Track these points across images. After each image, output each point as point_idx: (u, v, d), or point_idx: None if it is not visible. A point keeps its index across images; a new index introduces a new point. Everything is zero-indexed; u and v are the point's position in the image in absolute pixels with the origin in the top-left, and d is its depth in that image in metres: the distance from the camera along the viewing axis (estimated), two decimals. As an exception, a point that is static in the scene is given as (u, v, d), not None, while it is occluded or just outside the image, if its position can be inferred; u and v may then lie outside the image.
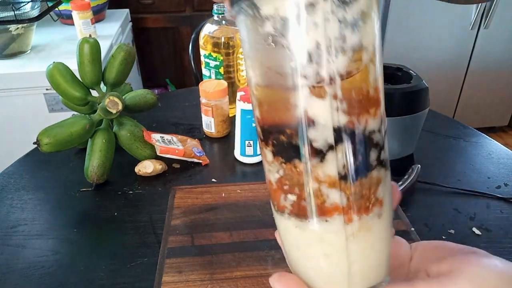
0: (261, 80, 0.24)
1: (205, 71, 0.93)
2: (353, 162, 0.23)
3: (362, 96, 0.23)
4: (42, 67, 1.18)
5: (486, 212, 0.67)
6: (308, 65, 0.21)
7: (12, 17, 1.24)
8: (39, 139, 0.66)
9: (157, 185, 0.74)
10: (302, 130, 0.23)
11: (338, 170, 0.23)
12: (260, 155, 0.78)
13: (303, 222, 0.25)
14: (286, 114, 0.23)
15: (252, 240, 0.60)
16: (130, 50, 0.77)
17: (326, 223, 0.24)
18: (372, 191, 0.24)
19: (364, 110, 0.23)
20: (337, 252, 0.25)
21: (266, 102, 0.25)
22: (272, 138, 0.25)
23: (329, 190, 0.24)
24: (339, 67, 0.22)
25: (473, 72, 2.12)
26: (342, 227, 0.24)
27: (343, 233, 0.24)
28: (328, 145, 0.23)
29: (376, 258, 0.26)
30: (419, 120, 0.69)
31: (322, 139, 0.23)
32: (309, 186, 0.24)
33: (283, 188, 0.26)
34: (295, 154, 0.24)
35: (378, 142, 0.24)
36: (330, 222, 0.24)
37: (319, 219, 0.24)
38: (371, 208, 0.24)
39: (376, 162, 0.24)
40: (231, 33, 0.88)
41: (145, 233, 0.63)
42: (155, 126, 0.92)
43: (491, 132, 2.35)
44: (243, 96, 0.73)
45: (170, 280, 0.54)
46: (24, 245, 0.61)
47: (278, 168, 0.25)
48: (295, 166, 0.24)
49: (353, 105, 0.22)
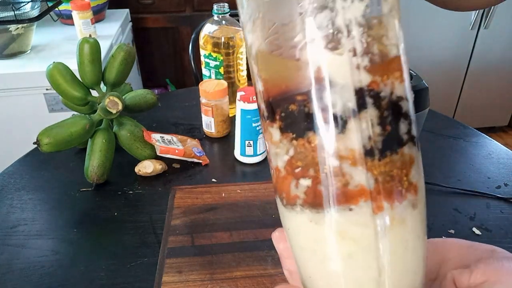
0: (264, 43, 0.20)
1: (205, 71, 0.93)
2: (380, 132, 0.19)
3: (384, 53, 0.19)
4: (42, 67, 1.18)
5: (486, 212, 0.67)
6: (320, 12, 0.18)
7: (12, 17, 1.24)
8: (39, 139, 0.66)
9: (157, 185, 0.74)
10: (318, 93, 0.19)
11: (363, 143, 0.19)
12: (260, 155, 0.79)
13: (320, 214, 0.20)
14: (297, 77, 0.19)
15: (252, 240, 0.60)
16: (130, 50, 0.77)
17: (350, 212, 0.19)
18: (405, 173, 0.20)
19: (388, 70, 0.19)
20: (364, 252, 0.20)
21: (271, 68, 0.21)
22: (279, 111, 0.20)
23: (352, 169, 0.19)
24: (357, 15, 0.18)
25: (473, 72, 2.12)
26: (370, 217, 0.19)
27: (372, 225, 0.19)
28: (349, 111, 0.19)
29: (412, 261, 0.21)
30: (419, 120, 0.69)
31: (341, 103, 0.19)
32: (327, 164, 0.19)
33: (294, 172, 0.21)
34: (308, 126, 0.19)
35: (407, 113, 0.20)
36: (355, 211, 0.19)
37: (341, 207, 0.19)
38: (404, 194, 0.20)
39: (407, 136, 0.20)
40: (231, 33, 0.88)
41: (145, 233, 0.63)
42: (155, 126, 0.92)
43: (491, 132, 2.35)
44: (243, 96, 0.73)
45: (170, 280, 0.54)
46: (24, 245, 0.61)
47: (287, 148, 0.21)
48: (309, 140, 0.20)
49: (376, 62, 0.19)
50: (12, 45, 1.33)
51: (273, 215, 0.65)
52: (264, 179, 0.74)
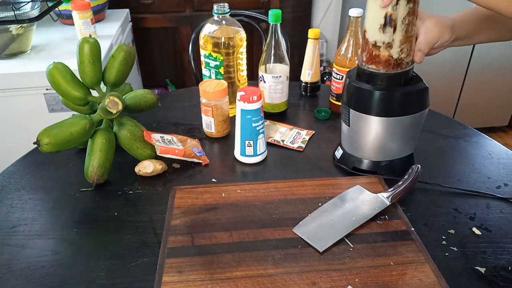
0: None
1: (205, 71, 0.93)
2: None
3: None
4: (42, 67, 1.18)
5: (486, 212, 0.67)
6: None
7: (12, 17, 1.24)
8: (39, 139, 0.66)
9: (157, 185, 0.74)
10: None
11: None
12: (260, 155, 0.79)
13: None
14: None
15: (252, 240, 0.60)
16: (130, 50, 0.77)
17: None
18: None
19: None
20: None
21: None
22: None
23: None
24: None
25: (473, 72, 2.12)
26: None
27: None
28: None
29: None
30: (419, 120, 0.69)
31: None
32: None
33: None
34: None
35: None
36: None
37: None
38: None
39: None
40: (231, 33, 0.88)
41: (145, 233, 0.63)
42: (155, 126, 0.92)
43: (491, 132, 2.35)
44: (243, 96, 0.73)
45: (170, 280, 0.54)
46: (24, 245, 0.61)
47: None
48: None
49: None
50: (12, 45, 1.33)
51: (273, 215, 0.65)
52: (264, 179, 0.74)
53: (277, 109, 0.95)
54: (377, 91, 0.65)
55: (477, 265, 0.57)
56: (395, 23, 0.62)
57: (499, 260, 0.58)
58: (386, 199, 0.65)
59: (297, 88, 1.05)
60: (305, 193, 0.69)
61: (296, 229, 0.62)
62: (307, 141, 0.86)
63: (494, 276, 0.55)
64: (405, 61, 0.65)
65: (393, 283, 0.53)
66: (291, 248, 0.59)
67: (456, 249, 0.60)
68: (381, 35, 0.63)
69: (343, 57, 0.89)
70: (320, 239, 0.59)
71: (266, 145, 0.81)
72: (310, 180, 0.73)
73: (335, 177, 0.75)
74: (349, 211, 0.64)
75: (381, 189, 0.69)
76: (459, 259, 0.58)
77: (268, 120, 0.92)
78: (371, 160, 0.73)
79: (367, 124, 0.69)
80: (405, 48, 0.64)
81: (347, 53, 0.89)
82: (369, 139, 0.70)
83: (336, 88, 0.93)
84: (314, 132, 0.89)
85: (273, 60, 0.90)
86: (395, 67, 0.65)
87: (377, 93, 0.65)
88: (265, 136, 0.79)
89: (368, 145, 0.72)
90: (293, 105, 1.00)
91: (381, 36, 0.63)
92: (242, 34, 0.90)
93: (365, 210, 0.64)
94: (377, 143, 0.70)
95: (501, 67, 2.12)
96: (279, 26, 0.88)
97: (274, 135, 0.88)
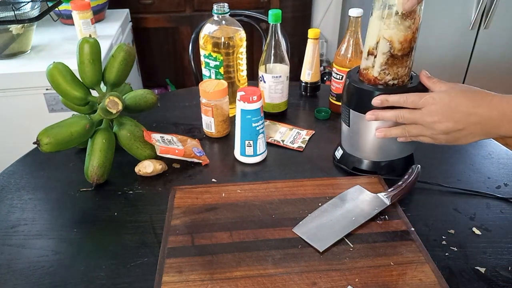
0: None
1: (205, 71, 0.93)
2: None
3: None
4: (42, 67, 1.18)
5: (486, 212, 0.67)
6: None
7: (12, 17, 1.24)
8: (39, 139, 0.66)
9: (157, 185, 0.74)
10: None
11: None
12: (260, 155, 0.79)
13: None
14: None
15: (252, 240, 0.60)
16: (130, 50, 0.77)
17: None
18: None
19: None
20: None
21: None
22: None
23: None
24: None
25: (473, 72, 2.12)
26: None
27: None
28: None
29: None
30: (419, 120, 0.69)
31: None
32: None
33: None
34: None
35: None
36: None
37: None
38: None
39: None
40: (231, 33, 0.88)
41: (145, 233, 0.63)
42: (155, 126, 0.92)
43: (491, 132, 2.34)
44: (243, 96, 0.73)
45: (170, 280, 0.54)
46: (24, 245, 0.61)
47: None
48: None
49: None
50: (12, 45, 1.33)
51: (273, 215, 0.65)
52: (264, 179, 0.74)
53: (277, 109, 0.95)
54: (377, 91, 0.65)
55: (477, 265, 0.57)
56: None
57: (499, 260, 0.58)
58: (386, 199, 0.65)
59: (297, 88, 1.05)
60: (305, 193, 0.69)
61: (296, 229, 0.62)
62: (307, 141, 0.86)
63: (494, 276, 0.55)
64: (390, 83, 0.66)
65: (393, 283, 0.53)
66: (291, 248, 0.59)
67: (456, 249, 0.60)
68: (365, 61, 0.67)
69: (343, 57, 0.89)
70: (320, 239, 0.60)
71: (266, 145, 0.81)
72: (310, 180, 0.73)
73: (335, 177, 0.75)
74: (349, 211, 0.64)
75: (381, 189, 0.69)
76: (459, 259, 0.58)
77: (268, 120, 0.92)
78: (371, 160, 0.73)
79: (367, 124, 0.69)
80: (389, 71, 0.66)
81: (347, 53, 0.89)
82: (369, 139, 0.70)
83: (336, 88, 0.93)
84: (314, 132, 0.89)
85: (273, 60, 0.90)
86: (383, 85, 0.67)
87: (377, 93, 0.65)
88: (265, 136, 0.79)
89: (368, 145, 0.72)
90: (293, 105, 1.00)
91: (365, 62, 0.67)
92: (242, 34, 0.90)
93: (365, 210, 0.64)
94: (377, 143, 0.71)
95: (501, 67, 2.12)
96: (279, 26, 0.88)
97: (274, 135, 0.88)
